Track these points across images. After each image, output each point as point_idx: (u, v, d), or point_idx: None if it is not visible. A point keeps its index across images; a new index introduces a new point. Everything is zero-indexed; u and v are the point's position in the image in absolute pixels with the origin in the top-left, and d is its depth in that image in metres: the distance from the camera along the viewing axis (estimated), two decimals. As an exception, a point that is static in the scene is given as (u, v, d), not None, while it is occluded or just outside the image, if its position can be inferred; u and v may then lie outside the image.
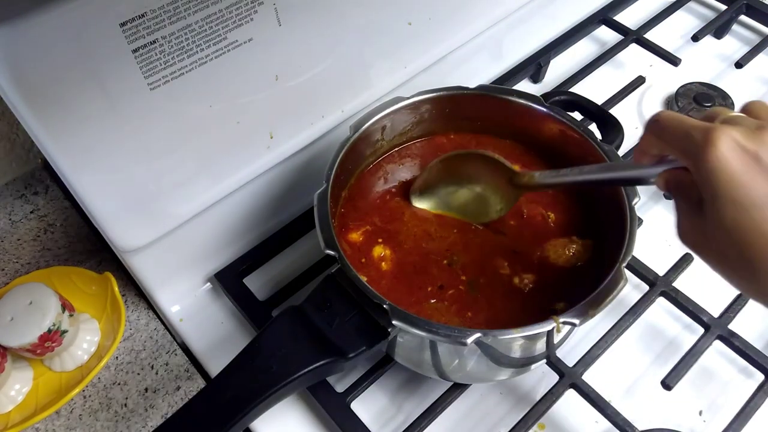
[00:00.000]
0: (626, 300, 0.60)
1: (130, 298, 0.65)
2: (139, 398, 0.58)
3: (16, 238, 0.68)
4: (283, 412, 0.57)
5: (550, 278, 0.53)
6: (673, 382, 0.54)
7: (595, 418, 0.54)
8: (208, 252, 0.63)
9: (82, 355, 0.59)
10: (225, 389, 0.45)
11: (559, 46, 0.83)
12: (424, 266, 0.54)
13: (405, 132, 0.62)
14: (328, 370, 0.48)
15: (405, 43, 0.64)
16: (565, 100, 0.63)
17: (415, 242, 0.56)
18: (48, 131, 0.44)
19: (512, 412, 0.56)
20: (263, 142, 0.58)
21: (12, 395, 0.57)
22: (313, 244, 0.63)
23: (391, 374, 0.58)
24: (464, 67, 0.75)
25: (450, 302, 0.52)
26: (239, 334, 0.62)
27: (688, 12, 0.89)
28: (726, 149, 0.34)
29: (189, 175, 0.54)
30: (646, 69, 0.81)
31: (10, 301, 0.55)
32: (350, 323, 0.47)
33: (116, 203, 0.51)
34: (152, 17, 0.44)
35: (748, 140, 0.35)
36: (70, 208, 0.70)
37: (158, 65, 0.46)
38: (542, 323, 0.45)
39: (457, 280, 0.53)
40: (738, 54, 0.82)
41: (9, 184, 0.70)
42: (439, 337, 0.44)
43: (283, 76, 0.55)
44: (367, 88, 0.64)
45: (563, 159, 0.60)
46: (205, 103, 0.51)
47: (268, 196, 0.64)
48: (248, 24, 0.49)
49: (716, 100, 0.77)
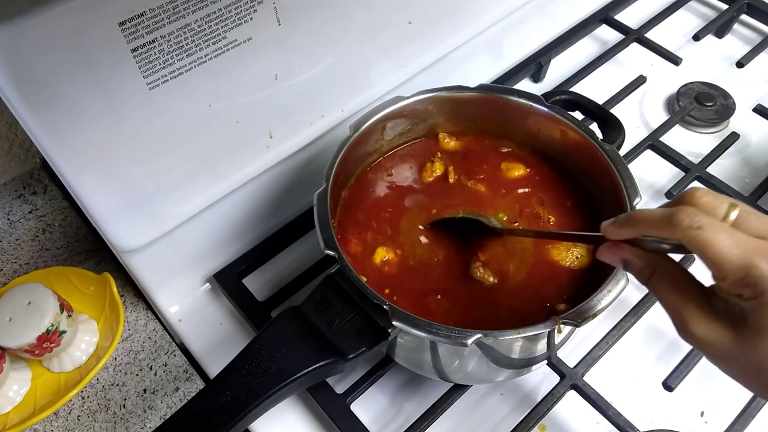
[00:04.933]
0: (628, 300, 0.60)
1: (128, 298, 0.65)
2: (137, 399, 0.58)
3: (15, 238, 0.68)
4: (283, 414, 0.56)
5: (551, 279, 0.53)
6: (674, 383, 0.54)
7: (597, 420, 0.54)
8: (207, 252, 0.63)
9: (81, 356, 0.59)
10: (224, 390, 0.45)
11: (560, 45, 0.83)
12: (425, 266, 0.54)
13: (405, 132, 0.62)
14: (327, 371, 0.48)
15: (405, 43, 0.64)
16: (566, 99, 0.63)
17: (416, 242, 0.55)
18: (47, 131, 0.43)
19: (513, 413, 0.56)
20: (263, 142, 0.58)
21: (10, 396, 0.57)
22: (313, 244, 0.63)
23: (391, 375, 0.57)
24: (464, 66, 0.75)
25: (450, 302, 0.52)
26: (238, 335, 0.62)
27: (689, 11, 0.89)
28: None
29: (188, 174, 0.54)
30: (647, 68, 0.81)
31: (9, 301, 0.55)
32: (350, 324, 0.47)
33: (115, 203, 0.51)
34: (151, 16, 0.44)
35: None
36: (69, 208, 0.70)
37: (157, 65, 0.46)
38: (543, 324, 0.44)
39: (457, 280, 0.53)
40: (739, 53, 0.82)
41: (7, 184, 0.70)
42: (439, 337, 0.44)
43: (282, 75, 0.55)
44: (367, 87, 0.64)
45: (563, 158, 0.60)
46: (204, 102, 0.51)
47: (267, 196, 0.64)
48: (248, 23, 0.49)
49: (717, 99, 0.76)
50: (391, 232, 0.56)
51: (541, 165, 0.61)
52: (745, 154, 0.74)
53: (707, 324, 0.35)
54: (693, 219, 0.34)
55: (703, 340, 0.35)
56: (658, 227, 0.37)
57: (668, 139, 0.72)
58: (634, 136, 0.73)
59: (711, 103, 0.76)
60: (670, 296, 0.37)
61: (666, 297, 0.37)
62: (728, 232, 0.34)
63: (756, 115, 0.75)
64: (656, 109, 0.79)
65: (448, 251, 0.55)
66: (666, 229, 0.36)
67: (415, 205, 0.58)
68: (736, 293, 0.34)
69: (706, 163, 0.69)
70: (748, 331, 0.34)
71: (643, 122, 0.78)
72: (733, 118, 0.76)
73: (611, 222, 0.40)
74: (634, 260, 0.39)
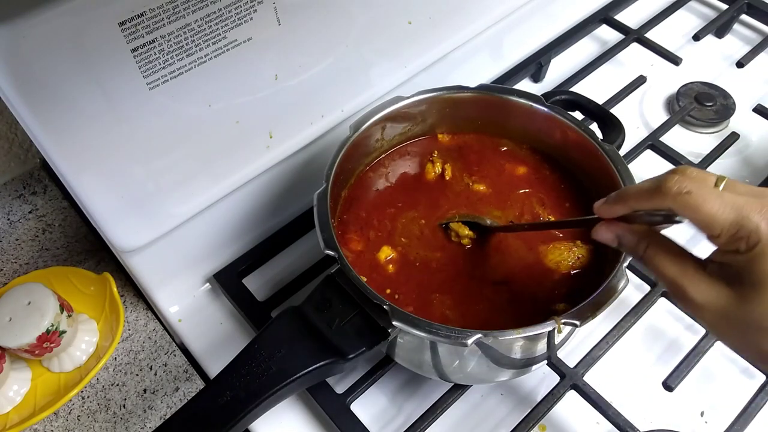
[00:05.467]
0: (627, 300, 0.60)
1: (128, 298, 0.65)
2: (137, 399, 0.58)
3: (15, 238, 0.68)
4: (283, 414, 0.56)
5: (551, 279, 0.53)
6: (674, 383, 0.54)
7: (597, 420, 0.54)
8: (207, 252, 0.63)
9: (81, 356, 0.59)
10: (224, 390, 0.45)
11: (560, 45, 0.83)
12: (425, 266, 0.54)
13: (405, 131, 0.62)
14: (327, 371, 0.48)
15: (405, 43, 0.64)
16: (566, 99, 0.63)
17: (416, 242, 0.55)
18: (46, 131, 0.43)
19: (513, 413, 0.56)
20: (263, 142, 0.58)
21: (10, 396, 0.57)
22: (313, 244, 0.63)
23: (391, 375, 0.57)
24: (464, 66, 0.75)
25: (451, 302, 0.52)
26: (238, 335, 0.62)
27: (689, 11, 0.89)
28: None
29: (188, 174, 0.54)
30: (647, 68, 0.81)
31: (9, 301, 0.55)
32: (350, 324, 0.47)
33: (115, 203, 0.51)
34: (151, 16, 0.44)
35: None
36: (69, 208, 0.70)
37: (157, 65, 0.46)
38: (543, 324, 0.44)
39: (458, 279, 0.53)
40: (739, 53, 0.82)
41: (7, 184, 0.70)
42: (439, 337, 0.44)
43: (282, 75, 0.55)
44: (367, 87, 0.64)
45: (563, 158, 0.60)
46: (204, 102, 0.51)
47: (267, 196, 0.64)
48: (247, 23, 0.49)
49: (717, 99, 0.76)
50: (391, 232, 0.56)
51: (541, 165, 0.61)
52: (745, 154, 0.74)
53: (705, 288, 0.36)
54: (681, 185, 0.35)
55: (703, 304, 0.36)
56: (648, 199, 0.38)
57: (668, 139, 0.72)
58: (634, 136, 0.73)
59: (711, 103, 0.76)
60: (667, 266, 0.38)
61: (663, 267, 0.38)
62: (716, 193, 0.35)
63: (756, 115, 0.75)
64: (656, 109, 0.79)
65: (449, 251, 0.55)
66: (656, 199, 0.37)
67: (415, 205, 0.58)
68: (731, 249, 0.35)
69: (706, 163, 0.69)
70: (746, 288, 0.35)
71: (643, 122, 0.77)
72: (733, 118, 0.76)
73: (603, 201, 0.42)
74: (628, 236, 0.40)
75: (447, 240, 0.56)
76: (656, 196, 0.37)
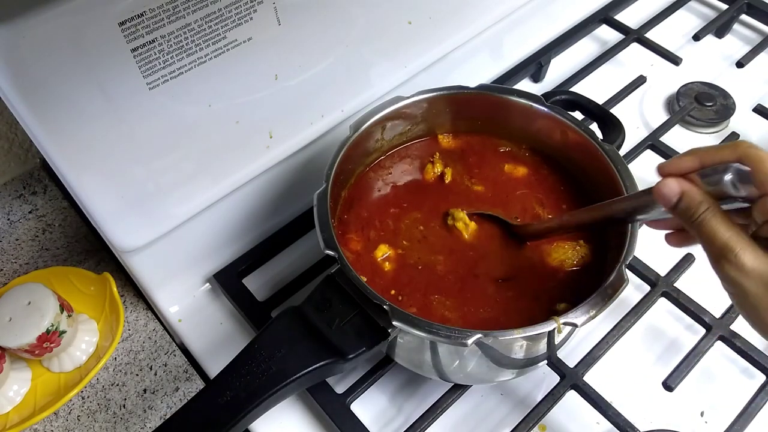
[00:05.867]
0: (627, 300, 0.60)
1: (128, 298, 0.65)
2: (137, 399, 0.58)
3: (15, 238, 0.68)
4: (283, 414, 0.56)
5: (551, 279, 0.53)
6: (674, 383, 0.54)
7: (597, 420, 0.54)
8: (207, 252, 0.63)
9: (81, 356, 0.59)
10: (224, 390, 0.45)
11: (560, 45, 0.83)
12: (425, 266, 0.54)
13: (405, 132, 0.62)
14: (327, 371, 0.48)
15: (405, 43, 0.64)
16: (566, 99, 0.63)
17: (416, 242, 0.55)
18: (46, 131, 0.43)
19: (513, 413, 0.56)
20: (263, 142, 0.58)
21: (10, 396, 0.57)
22: (313, 244, 0.63)
23: (391, 375, 0.57)
24: (464, 66, 0.75)
25: (451, 302, 0.52)
26: (238, 335, 0.62)
27: (689, 11, 0.89)
28: None
29: (188, 174, 0.54)
30: (647, 68, 0.81)
31: (9, 301, 0.55)
32: (350, 324, 0.47)
33: (115, 203, 0.51)
34: (151, 16, 0.44)
35: None
36: (69, 208, 0.70)
37: (157, 64, 0.46)
38: (543, 324, 0.44)
39: (458, 279, 0.53)
40: (739, 53, 0.82)
41: (7, 184, 0.70)
42: (439, 337, 0.44)
43: (282, 75, 0.55)
44: (367, 87, 0.64)
45: (563, 159, 0.60)
46: (204, 102, 0.51)
47: (267, 196, 0.64)
48: (247, 23, 0.49)
49: (717, 99, 0.76)
50: (391, 231, 0.56)
51: (541, 165, 0.61)
52: (745, 154, 0.74)
53: (758, 254, 0.38)
54: (750, 143, 0.38)
55: (752, 269, 0.38)
56: (717, 151, 0.40)
57: (668, 139, 0.71)
58: (634, 136, 0.73)
59: (711, 103, 0.76)
60: (722, 230, 0.39)
61: (718, 231, 0.39)
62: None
63: (756, 115, 0.75)
64: (656, 109, 0.79)
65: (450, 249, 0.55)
66: (726, 151, 0.39)
67: (415, 205, 0.58)
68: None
69: (706, 163, 0.69)
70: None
71: (643, 122, 0.77)
72: (733, 118, 0.76)
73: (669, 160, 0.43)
74: (694, 192, 0.40)
75: (448, 237, 0.56)
76: (726, 149, 0.39)
